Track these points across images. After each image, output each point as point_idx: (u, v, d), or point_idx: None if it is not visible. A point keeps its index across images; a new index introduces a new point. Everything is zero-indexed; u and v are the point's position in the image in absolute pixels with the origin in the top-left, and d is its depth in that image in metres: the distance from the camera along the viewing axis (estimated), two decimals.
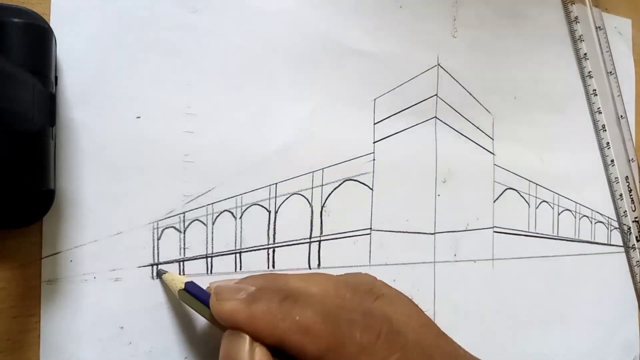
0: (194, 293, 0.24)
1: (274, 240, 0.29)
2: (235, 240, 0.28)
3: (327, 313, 0.22)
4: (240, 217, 0.28)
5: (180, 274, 0.27)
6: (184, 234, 0.27)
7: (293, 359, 0.22)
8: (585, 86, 0.42)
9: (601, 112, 0.43)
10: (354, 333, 0.22)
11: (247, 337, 0.21)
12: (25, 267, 0.24)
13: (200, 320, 0.27)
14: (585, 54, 0.42)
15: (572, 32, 0.42)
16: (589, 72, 0.42)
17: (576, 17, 0.42)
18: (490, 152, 0.37)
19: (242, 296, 0.22)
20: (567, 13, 0.42)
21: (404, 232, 0.33)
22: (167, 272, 0.26)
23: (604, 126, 0.43)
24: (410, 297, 0.27)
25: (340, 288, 0.25)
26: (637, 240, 0.44)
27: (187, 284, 0.24)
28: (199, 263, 0.27)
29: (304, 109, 0.30)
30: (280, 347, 0.22)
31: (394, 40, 0.33)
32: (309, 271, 0.30)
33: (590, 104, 0.43)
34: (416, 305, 0.26)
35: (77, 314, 0.24)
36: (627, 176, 0.44)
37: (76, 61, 0.25)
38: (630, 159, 0.44)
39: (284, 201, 0.30)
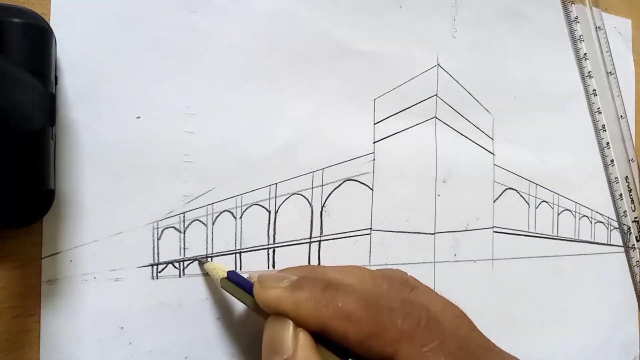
0: (236, 281, 0.25)
1: (274, 241, 0.29)
2: (235, 240, 0.28)
3: (368, 301, 0.23)
4: (240, 217, 0.28)
5: (180, 274, 0.27)
6: (184, 234, 0.27)
7: (334, 345, 0.23)
8: (585, 86, 0.42)
9: (601, 112, 0.43)
10: (395, 319, 0.23)
11: (291, 323, 0.22)
12: (25, 267, 0.24)
13: (201, 321, 0.27)
14: (585, 54, 0.42)
15: (572, 32, 0.42)
16: (589, 72, 0.42)
17: (576, 17, 0.42)
18: (490, 152, 0.37)
19: (285, 284, 0.23)
20: (567, 13, 0.42)
21: (404, 232, 0.33)
22: (207, 261, 0.27)
23: (604, 126, 0.43)
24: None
25: (376, 279, 0.26)
26: (637, 240, 0.44)
27: (229, 272, 0.25)
28: (199, 263, 0.27)
29: (304, 109, 0.30)
30: (323, 333, 0.22)
31: (394, 40, 0.33)
32: None
33: (590, 104, 0.43)
34: (448, 300, 0.27)
35: (77, 314, 0.24)
36: (627, 176, 0.44)
37: (76, 61, 0.25)
38: (630, 159, 0.44)
39: (284, 201, 0.30)
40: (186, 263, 0.27)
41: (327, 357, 0.23)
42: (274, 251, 0.29)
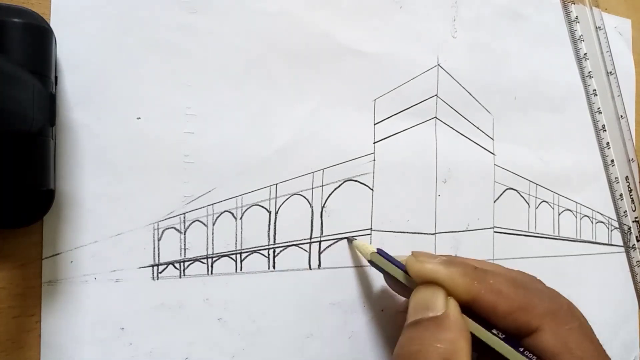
0: (385, 256, 0.28)
1: (274, 241, 0.29)
2: (236, 240, 0.28)
3: (516, 282, 0.26)
4: (241, 218, 0.28)
5: (180, 275, 0.27)
6: (185, 234, 0.27)
7: (476, 316, 0.25)
8: (585, 86, 0.42)
9: (601, 112, 0.43)
10: (542, 298, 0.26)
11: (443, 290, 0.25)
12: (25, 267, 0.23)
13: (201, 321, 0.27)
14: (585, 54, 0.42)
15: (572, 32, 0.42)
16: (589, 72, 0.42)
17: (576, 17, 0.42)
18: (490, 152, 0.37)
19: (439, 260, 0.26)
20: (567, 13, 0.42)
21: (404, 232, 0.33)
22: (356, 239, 0.31)
23: (604, 126, 0.43)
24: None
25: (511, 271, 0.29)
26: (638, 240, 0.44)
27: (378, 249, 0.29)
28: (199, 263, 0.27)
29: (304, 109, 0.30)
30: (472, 304, 0.25)
31: (394, 40, 0.33)
32: (309, 272, 0.30)
33: (590, 104, 0.43)
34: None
35: (78, 314, 0.24)
36: (627, 176, 0.44)
37: (76, 61, 0.25)
38: (630, 159, 0.44)
39: (284, 202, 0.30)
40: (186, 264, 0.27)
41: (470, 324, 0.25)
42: (274, 251, 0.29)
